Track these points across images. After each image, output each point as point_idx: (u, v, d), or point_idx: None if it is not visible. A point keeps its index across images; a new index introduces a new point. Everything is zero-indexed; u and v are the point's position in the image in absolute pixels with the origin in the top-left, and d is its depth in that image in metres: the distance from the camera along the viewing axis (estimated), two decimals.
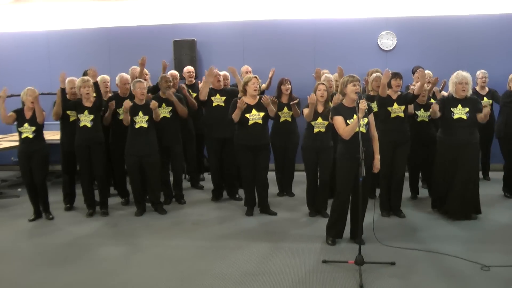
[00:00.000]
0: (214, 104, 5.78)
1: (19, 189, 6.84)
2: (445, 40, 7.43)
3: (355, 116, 4.13)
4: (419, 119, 5.52)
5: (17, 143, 6.52)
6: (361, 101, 3.99)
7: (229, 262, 4.07)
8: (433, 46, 7.46)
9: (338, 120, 4.22)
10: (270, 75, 6.58)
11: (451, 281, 3.60)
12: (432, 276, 3.69)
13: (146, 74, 6.31)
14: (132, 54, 7.74)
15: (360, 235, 3.96)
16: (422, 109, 5.53)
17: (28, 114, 5.23)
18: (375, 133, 4.29)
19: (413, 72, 6.63)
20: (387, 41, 7.58)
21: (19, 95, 7.23)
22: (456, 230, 4.72)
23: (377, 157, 4.26)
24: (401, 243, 4.33)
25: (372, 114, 4.27)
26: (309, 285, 3.60)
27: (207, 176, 7.19)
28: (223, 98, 5.76)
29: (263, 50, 7.74)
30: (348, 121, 4.18)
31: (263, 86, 6.57)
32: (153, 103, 5.26)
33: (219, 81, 5.83)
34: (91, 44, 8.04)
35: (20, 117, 5.23)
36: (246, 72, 6.90)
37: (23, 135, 5.21)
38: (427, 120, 5.52)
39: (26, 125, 5.19)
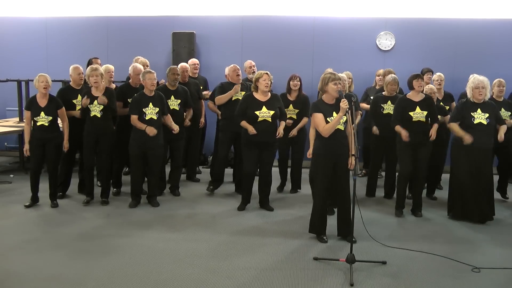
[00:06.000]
0: (233, 98, 5.73)
1: (12, 175, 6.80)
2: (443, 42, 7.46)
3: (335, 114, 4.19)
4: None
5: (10, 129, 6.53)
6: (342, 100, 4.05)
7: (220, 256, 4.07)
8: (431, 48, 7.48)
9: (318, 117, 4.22)
10: None
11: (441, 281, 3.63)
12: (422, 276, 3.72)
13: (147, 66, 6.28)
14: (131, 44, 7.76)
15: (351, 233, 3.97)
16: None
17: (42, 102, 5.17)
18: (350, 130, 4.30)
19: (422, 74, 6.66)
20: (386, 41, 7.59)
21: (15, 81, 7.23)
22: (450, 231, 4.76)
23: (352, 154, 4.25)
24: (393, 243, 4.35)
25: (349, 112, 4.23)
26: (299, 282, 3.62)
27: (202, 169, 7.18)
28: (242, 92, 5.70)
29: (262, 46, 7.73)
30: (328, 118, 4.20)
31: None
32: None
33: (238, 75, 5.80)
34: (89, 33, 7.98)
35: (34, 107, 5.17)
36: (250, 67, 6.88)
37: (38, 123, 5.16)
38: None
39: (42, 114, 5.14)
